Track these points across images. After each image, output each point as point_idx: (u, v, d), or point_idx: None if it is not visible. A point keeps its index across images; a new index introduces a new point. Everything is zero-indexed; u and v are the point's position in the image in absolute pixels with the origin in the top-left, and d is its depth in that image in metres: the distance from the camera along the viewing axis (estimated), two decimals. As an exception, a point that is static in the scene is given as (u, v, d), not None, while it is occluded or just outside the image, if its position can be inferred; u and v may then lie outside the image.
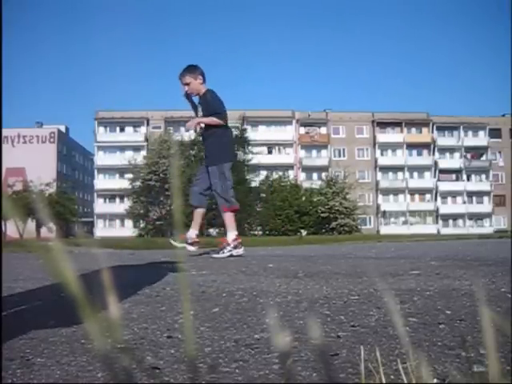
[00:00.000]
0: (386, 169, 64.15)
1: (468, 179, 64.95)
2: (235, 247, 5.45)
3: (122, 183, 57.63)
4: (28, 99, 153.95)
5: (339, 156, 63.64)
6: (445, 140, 65.34)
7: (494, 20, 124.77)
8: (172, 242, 5.72)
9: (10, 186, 46.69)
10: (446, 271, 3.15)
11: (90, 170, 74.73)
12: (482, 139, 65.41)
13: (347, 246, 10.60)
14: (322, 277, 2.95)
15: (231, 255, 5.36)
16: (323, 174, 58.85)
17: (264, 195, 51.11)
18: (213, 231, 45.44)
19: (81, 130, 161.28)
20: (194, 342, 0.47)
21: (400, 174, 64.25)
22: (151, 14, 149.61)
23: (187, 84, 5.69)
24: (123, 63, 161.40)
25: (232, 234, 5.51)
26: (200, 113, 5.75)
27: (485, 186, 64.39)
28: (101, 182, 62.65)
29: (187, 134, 42.48)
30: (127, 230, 54.62)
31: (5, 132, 62.06)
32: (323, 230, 49.03)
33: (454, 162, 65.21)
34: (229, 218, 5.56)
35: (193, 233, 5.74)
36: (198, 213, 5.75)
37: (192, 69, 5.74)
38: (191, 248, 5.70)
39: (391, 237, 21.05)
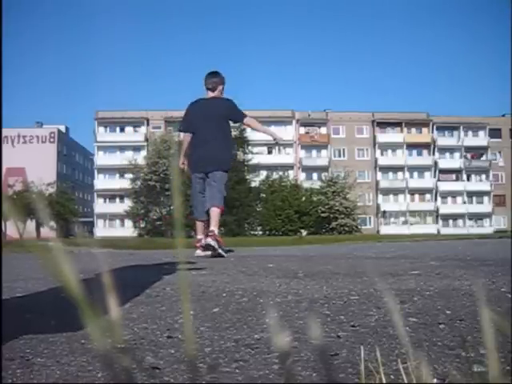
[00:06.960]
0: (385, 169, 64.11)
1: (468, 179, 64.91)
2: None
3: (122, 183, 57.63)
4: (28, 99, 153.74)
5: (339, 156, 63.61)
6: (445, 140, 65.31)
7: (494, 20, 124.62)
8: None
9: (10, 186, 46.69)
10: (446, 271, 3.15)
11: (90, 170, 74.69)
12: (482, 139, 65.38)
13: (347, 246, 10.59)
14: (322, 277, 2.95)
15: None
16: (323, 174, 58.81)
17: (264, 195, 51.10)
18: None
19: (81, 130, 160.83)
20: (194, 342, 0.47)
21: (400, 174, 64.22)
22: (151, 13, 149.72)
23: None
24: (123, 63, 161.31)
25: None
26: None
27: (485, 186, 64.36)
28: (101, 182, 62.62)
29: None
30: (127, 229, 54.58)
31: (5, 132, 62.02)
32: (323, 230, 49.00)
33: (454, 161, 65.18)
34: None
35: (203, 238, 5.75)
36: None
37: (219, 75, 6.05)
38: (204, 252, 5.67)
39: (391, 237, 21.04)
